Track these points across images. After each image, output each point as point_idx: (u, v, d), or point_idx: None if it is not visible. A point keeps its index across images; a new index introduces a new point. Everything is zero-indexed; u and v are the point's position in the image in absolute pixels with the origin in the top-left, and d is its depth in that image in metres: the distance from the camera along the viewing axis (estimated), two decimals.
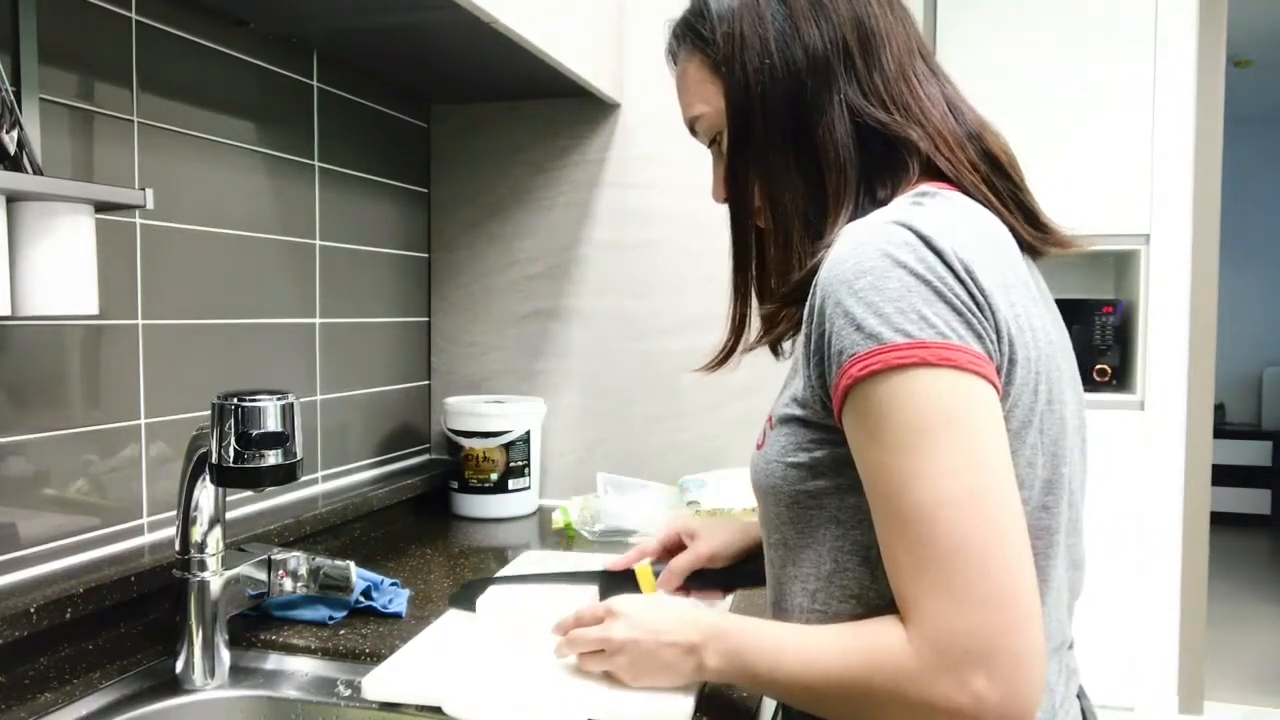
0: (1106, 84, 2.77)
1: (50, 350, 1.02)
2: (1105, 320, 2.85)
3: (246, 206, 1.31)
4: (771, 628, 0.75)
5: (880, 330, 0.63)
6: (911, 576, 0.62)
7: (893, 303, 0.63)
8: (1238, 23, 3.19)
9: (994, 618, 0.60)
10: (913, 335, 0.62)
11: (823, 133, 0.76)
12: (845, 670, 0.66)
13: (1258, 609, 4.02)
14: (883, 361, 0.63)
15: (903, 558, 0.63)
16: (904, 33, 0.79)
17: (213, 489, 0.92)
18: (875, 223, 0.68)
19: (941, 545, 0.61)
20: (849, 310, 0.65)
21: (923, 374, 0.62)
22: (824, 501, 0.72)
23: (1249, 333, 5.68)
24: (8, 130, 0.89)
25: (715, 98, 0.81)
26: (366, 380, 1.62)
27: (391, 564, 1.33)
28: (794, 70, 0.76)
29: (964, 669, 0.59)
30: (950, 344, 0.62)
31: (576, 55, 1.50)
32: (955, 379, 0.62)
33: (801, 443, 0.72)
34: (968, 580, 0.60)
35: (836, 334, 0.65)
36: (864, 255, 0.65)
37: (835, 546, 0.72)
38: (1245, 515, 5.33)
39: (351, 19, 1.30)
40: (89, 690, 0.89)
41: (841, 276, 0.66)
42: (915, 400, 0.62)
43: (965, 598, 0.60)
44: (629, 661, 0.84)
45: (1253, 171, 5.54)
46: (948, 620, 0.60)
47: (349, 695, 0.91)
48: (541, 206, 1.77)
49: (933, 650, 0.61)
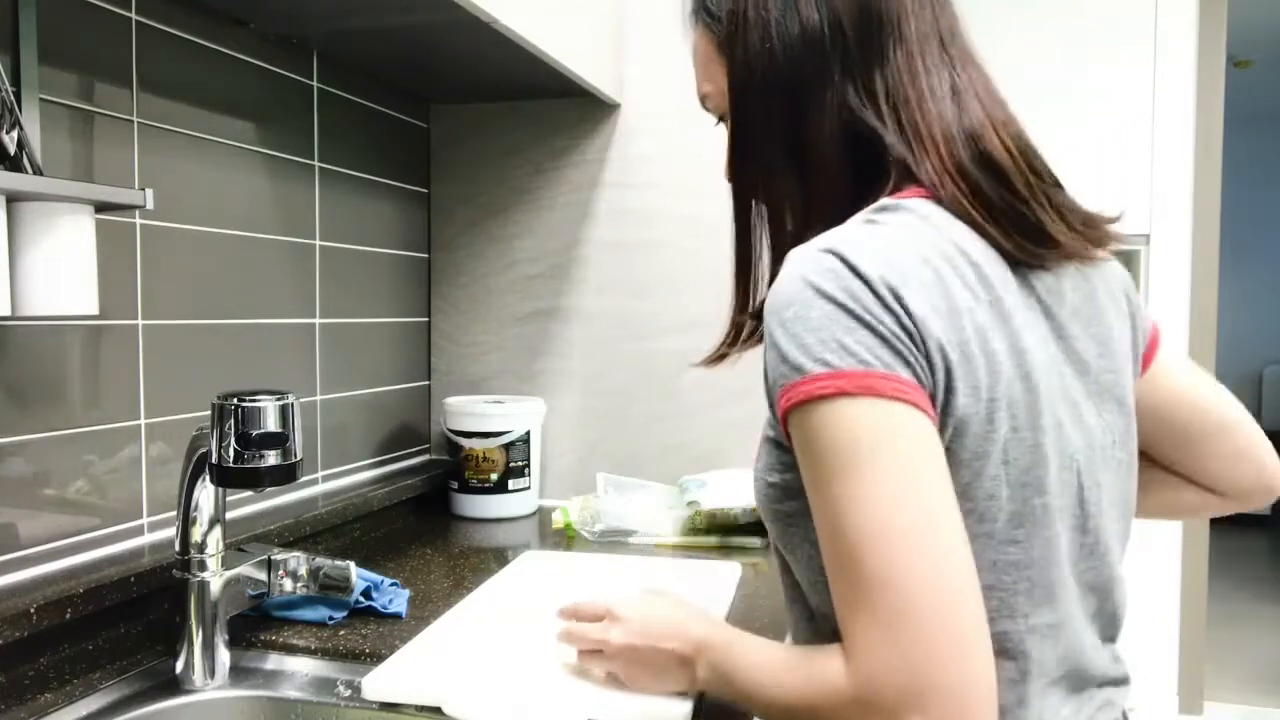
0: (1106, 84, 2.77)
1: (50, 350, 1.02)
2: None
3: (246, 206, 1.31)
4: (757, 648, 0.73)
5: (801, 361, 0.62)
6: (846, 608, 0.61)
7: (814, 332, 0.62)
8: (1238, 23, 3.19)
9: (924, 652, 0.57)
10: (832, 365, 0.61)
11: (814, 130, 0.73)
12: (797, 696, 0.65)
13: (1258, 609, 4.02)
14: (805, 392, 0.62)
15: (838, 588, 0.62)
16: (929, 15, 0.75)
17: (213, 489, 0.92)
18: (809, 249, 0.66)
19: (869, 576, 0.59)
20: (777, 340, 0.64)
21: (843, 404, 0.61)
22: (798, 521, 0.70)
23: (1249, 333, 5.68)
24: (8, 130, 0.89)
25: (720, 77, 0.78)
26: (366, 380, 1.62)
27: (391, 564, 1.33)
28: (792, 56, 0.73)
29: (899, 707, 0.57)
30: (872, 372, 0.61)
31: (576, 55, 1.50)
32: (878, 407, 0.61)
33: (774, 464, 0.72)
34: (896, 613, 0.58)
35: (771, 364, 0.65)
36: (792, 285, 0.64)
37: (810, 566, 0.71)
38: (1245, 515, 5.30)
39: (351, 19, 1.30)
40: (89, 690, 0.89)
41: (773, 306, 0.65)
42: (837, 430, 0.61)
43: (895, 632, 0.58)
44: (625, 666, 0.85)
45: (1253, 172, 5.54)
46: (879, 655, 0.59)
47: (349, 695, 0.91)
48: (541, 206, 1.77)
49: (867, 685, 0.59)
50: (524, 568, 1.28)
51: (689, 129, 1.67)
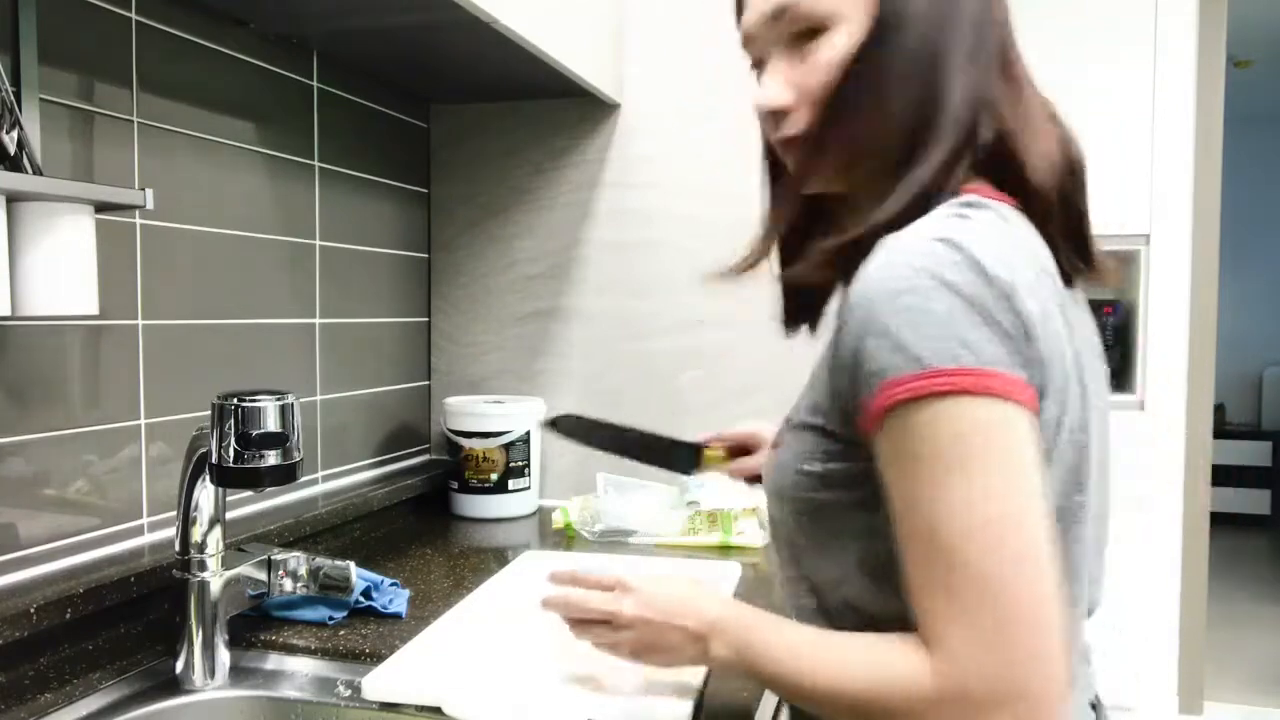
0: (1106, 84, 2.77)
1: (50, 350, 1.02)
2: (1105, 320, 2.85)
3: (246, 206, 1.31)
4: (785, 629, 0.73)
5: (922, 354, 0.60)
6: (939, 606, 0.60)
7: (937, 326, 0.60)
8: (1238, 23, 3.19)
9: (1021, 655, 0.58)
10: (958, 361, 0.60)
11: (947, 91, 0.69)
12: (863, 687, 0.64)
13: (1258, 609, 4.02)
14: (922, 387, 0.60)
15: (929, 586, 0.61)
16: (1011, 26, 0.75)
17: (213, 489, 0.92)
18: (919, 237, 0.64)
19: (971, 577, 0.59)
20: (889, 329, 0.61)
21: (963, 401, 0.60)
22: (833, 512, 0.70)
23: (1249, 333, 5.68)
24: (8, 130, 0.89)
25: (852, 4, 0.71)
26: (366, 380, 1.62)
27: (391, 564, 1.33)
28: (954, 18, 0.70)
29: (988, 709, 0.58)
30: (993, 371, 0.60)
31: (576, 55, 1.50)
32: (995, 407, 0.60)
33: (815, 452, 0.70)
34: (996, 618, 0.58)
35: (873, 353, 0.62)
36: (907, 272, 0.62)
37: (841, 559, 0.70)
38: (1245, 515, 5.33)
39: (351, 19, 1.30)
40: (89, 690, 0.89)
41: (883, 292, 0.62)
42: (953, 427, 0.60)
43: (993, 636, 0.58)
44: (635, 638, 0.81)
45: (1253, 172, 5.54)
46: (974, 659, 0.59)
47: (349, 695, 0.91)
48: (541, 206, 1.77)
49: (957, 686, 0.59)
50: (524, 568, 1.28)
51: (689, 129, 1.67)
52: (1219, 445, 3.24)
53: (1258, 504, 5.36)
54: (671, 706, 0.84)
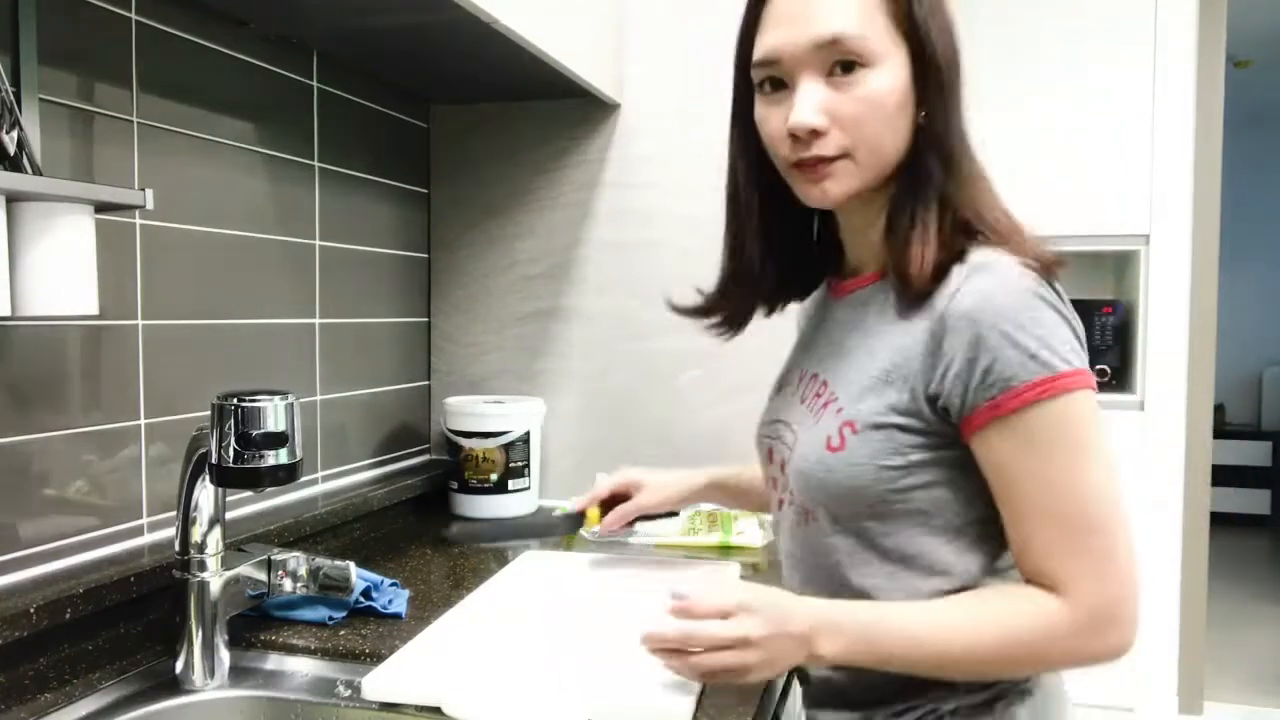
0: (1106, 84, 2.77)
1: (50, 350, 1.02)
2: (1105, 320, 2.85)
3: (246, 206, 1.31)
4: (886, 608, 0.83)
5: (1051, 359, 0.76)
6: (1071, 560, 0.77)
7: (1054, 337, 0.77)
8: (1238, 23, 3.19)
9: (1126, 591, 0.77)
10: (1074, 364, 0.77)
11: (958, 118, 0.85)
12: (1002, 633, 0.78)
13: (1258, 609, 4.02)
14: (1061, 385, 0.76)
15: (1062, 545, 0.77)
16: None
17: (212, 489, 0.92)
18: (1009, 266, 0.79)
19: (1103, 536, 0.77)
20: (1017, 341, 0.76)
21: (1086, 396, 0.77)
22: (912, 496, 0.82)
23: (1249, 333, 5.67)
24: (8, 130, 0.89)
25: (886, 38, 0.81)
26: (366, 380, 1.62)
27: (391, 564, 1.33)
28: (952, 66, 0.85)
29: (1107, 628, 0.77)
30: (1090, 371, 0.78)
31: (577, 55, 1.50)
32: (1095, 400, 0.78)
33: (899, 447, 0.81)
34: (1118, 562, 0.77)
35: (1006, 359, 0.76)
36: (1017, 295, 0.77)
37: (918, 534, 0.83)
38: (1245, 515, 5.33)
39: (351, 19, 1.30)
40: (89, 690, 0.89)
41: (1003, 311, 0.76)
42: (1083, 415, 0.77)
43: (1116, 575, 0.77)
44: (763, 657, 0.80)
45: (1252, 171, 5.54)
46: (1102, 594, 0.77)
47: (349, 695, 0.91)
48: (541, 206, 1.76)
49: (1087, 614, 0.77)
50: (524, 568, 1.28)
51: (689, 129, 1.67)
52: (1219, 445, 3.25)
53: (1258, 504, 5.36)
54: (671, 706, 0.84)
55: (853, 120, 0.81)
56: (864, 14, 0.81)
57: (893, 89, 0.81)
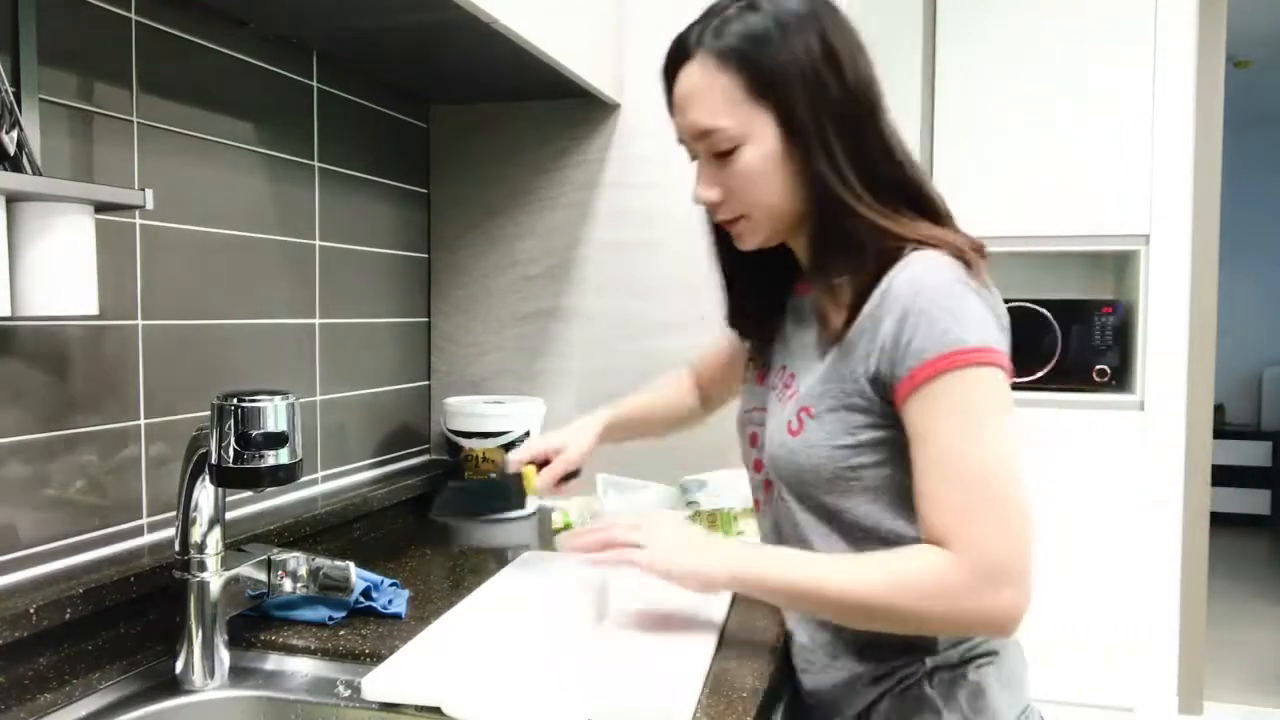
0: (1106, 84, 2.77)
1: (50, 350, 1.02)
2: (1105, 320, 2.85)
3: (246, 207, 1.31)
4: (783, 552, 0.96)
5: (967, 336, 0.83)
6: (963, 517, 0.82)
7: (972, 318, 0.84)
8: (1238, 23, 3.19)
9: (1014, 548, 0.82)
10: (986, 343, 0.84)
11: (838, 166, 0.90)
12: (894, 580, 0.84)
13: (1258, 609, 4.02)
14: (968, 359, 0.83)
15: (956, 504, 0.83)
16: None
17: (212, 489, 0.92)
18: (940, 256, 0.87)
19: (996, 499, 0.82)
20: (937, 319, 0.84)
21: (988, 371, 0.84)
22: (864, 473, 0.90)
23: (1249, 333, 5.67)
24: (8, 130, 0.89)
25: (749, 114, 0.89)
26: (366, 380, 1.62)
27: (391, 564, 1.32)
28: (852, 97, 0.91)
29: (995, 583, 0.81)
30: (1002, 351, 0.85)
31: (577, 55, 1.50)
32: (1002, 376, 0.85)
33: (849, 428, 0.90)
34: (1010, 524, 0.82)
35: (923, 336, 0.84)
36: (943, 278, 0.85)
37: (873, 508, 0.91)
38: (1245, 515, 5.32)
39: (351, 19, 1.30)
40: (89, 690, 0.89)
41: (928, 293, 0.85)
42: (989, 387, 0.84)
43: (1006, 534, 0.82)
44: (669, 540, 0.97)
45: (1252, 171, 5.54)
46: (990, 549, 0.81)
47: (349, 696, 0.91)
48: (541, 206, 1.76)
49: (974, 567, 0.81)
50: (524, 568, 1.28)
51: None
52: (1219, 445, 3.24)
53: (1258, 504, 5.36)
54: (671, 707, 0.84)
55: (737, 192, 0.93)
56: (724, 103, 0.90)
57: (765, 157, 0.90)
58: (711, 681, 0.91)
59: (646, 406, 1.33)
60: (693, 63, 0.91)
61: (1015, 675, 0.97)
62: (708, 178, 0.95)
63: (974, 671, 0.92)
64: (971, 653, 0.93)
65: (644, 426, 1.34)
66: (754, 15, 0.89)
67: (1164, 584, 2.78)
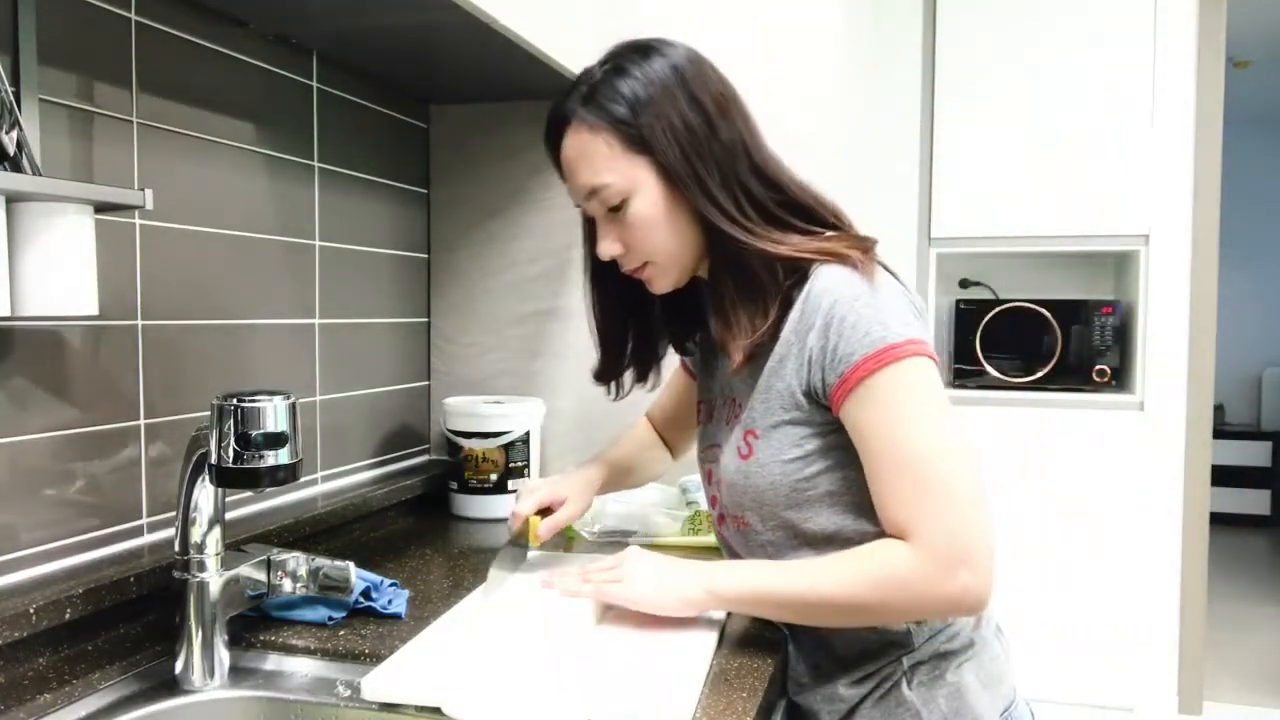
0: (1106, 84, 2.77)
1: (50, 350, 1.02)
2: (1104, 321, 2.85)
3: (246, 207, 1.31)
4: (771, 563, 0.98)
5: (887, 333, 0.87)
6: (915, 506, 0.85)
7: (890, 313, 0.89)
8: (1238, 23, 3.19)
9: (969, 530, 0.85)
10: (908, 335, 0.88)
11: (718, 201, 0.96)
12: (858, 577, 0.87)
13: (1258, 609, 4.02)
14: (895, 354, 0.87)
15: (907, 494, 0.86)
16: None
17: (212, 489, 0.92)
18: (844, 267, 0.92)
19: (942, 482, 0.85)
20: (857, 322, 0.88)
21: (918, 362, 0.88)
22: (818, 481, 0.94)
23: (1249, 333, 5.67)
24: (7, 130, 0.89)
25: (630, 168, 0.96)
26: (366, 380, 1.62)
27: (391, 564, 1.32)
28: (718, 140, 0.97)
29: (955, 567, 0.84)
30: (926, 342, 0.88)
31: (576, 56, 1.50)
32: (932, 366, 0.89)
33: (795, 441, 0.94)
34: (959, 506, 0.85)
35: (846, 340, 0.88)
36: (856, 286, 0.90)
37: (833, 514, 0.94)
38: (1245, 515, 5.33)
39: (351, 19, 1.30)
40: (89, 690, 0.89)
41: (843, 300, 0.89)
42: (922, 379, 0.87)
43: (957, 520, 0.84)
44: (646, 572, 0.99)
45: (1253, 171, 5.54)
46: (944, 536, 0.84)
47: (348, 696, 0.91)
48: (541, 206, 1.76)
49: (931, 555, 0.84)
50: (524, 568, 1.28)
51: None
52: (1219, 445, 3.25)
53: (1258, 504, 5.36)
54: (671, 707, 0.84)
55: (636, 242, 0.99)
56: (604, 161, 0.96)
57: (654, 204, 0.96)
58: (711, 681, 0.91)
59: (627, 461, 1.36)
60: (571, 129, 0.99)
61: (995, 673, 0.99)
62: (606, 234, 1.02)
63: (952, 672, 0.95)
64: (947, 646, 0.96)
65: (630, 481, 1.39)
66: (620, 79, 0.97)
67: (1164, 584, 2.78)
